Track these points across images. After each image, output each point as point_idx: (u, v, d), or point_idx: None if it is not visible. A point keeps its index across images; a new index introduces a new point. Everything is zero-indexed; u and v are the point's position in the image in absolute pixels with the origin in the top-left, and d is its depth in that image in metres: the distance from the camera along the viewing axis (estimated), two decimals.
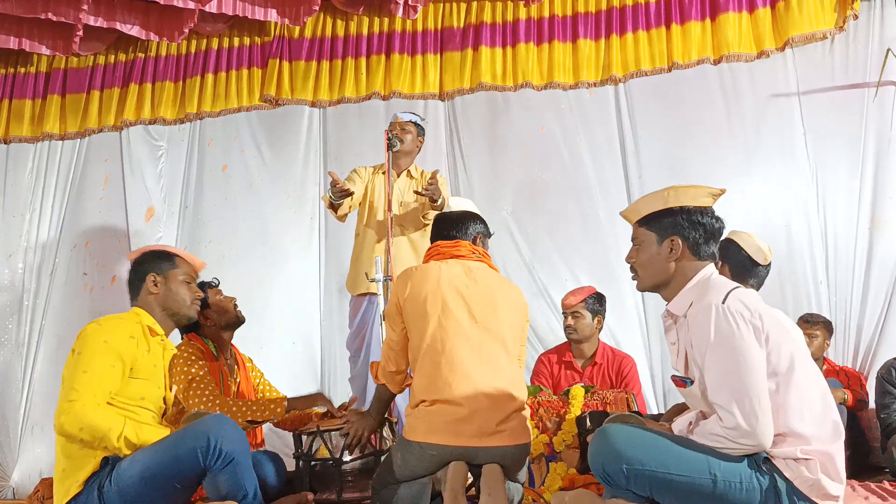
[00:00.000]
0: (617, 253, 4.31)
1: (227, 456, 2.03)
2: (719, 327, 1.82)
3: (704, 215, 1.99)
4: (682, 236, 1.98)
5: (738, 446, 1.79)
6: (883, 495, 2.62)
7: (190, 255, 2.51)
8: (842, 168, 4.13)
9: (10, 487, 4.38)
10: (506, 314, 2.41)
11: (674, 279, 2.00)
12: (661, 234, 2.00)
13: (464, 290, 2.39)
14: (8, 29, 4.50)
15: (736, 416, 1.77)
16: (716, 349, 1.82)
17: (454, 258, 2.50)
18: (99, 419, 2.08)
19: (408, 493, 2.33)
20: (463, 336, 2.32)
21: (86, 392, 2.10)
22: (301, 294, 4.54)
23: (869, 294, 4.00)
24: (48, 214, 4.83)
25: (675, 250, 1.98)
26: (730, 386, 1.79)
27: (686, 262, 1.99)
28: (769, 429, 1.78)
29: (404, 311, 2.41)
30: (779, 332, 1.86)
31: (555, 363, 3.65)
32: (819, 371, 1.92)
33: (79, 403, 2.07)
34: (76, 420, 2.05)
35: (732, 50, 4.29)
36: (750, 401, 1.77)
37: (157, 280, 2.37)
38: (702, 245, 1.98)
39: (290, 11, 4.47)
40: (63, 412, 2.07)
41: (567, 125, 4.49)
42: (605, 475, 1.91)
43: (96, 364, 2.14)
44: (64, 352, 4.43)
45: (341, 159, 4.63)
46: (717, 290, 1.89)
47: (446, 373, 2.28)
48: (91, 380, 2.12)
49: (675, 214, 1.99)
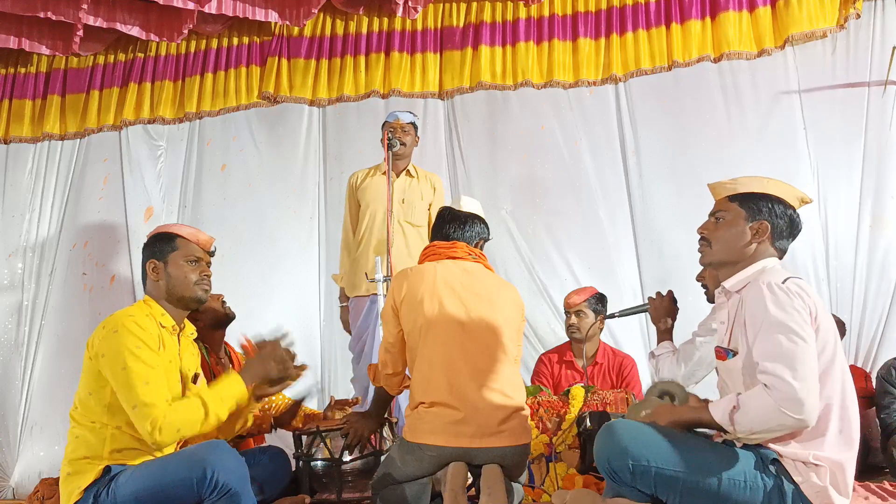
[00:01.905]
0: (617, 253, 4.32)
1: (224, 487, 1.95)
2: (778, 303, 1.82)
3: (794, 212, 2.04)
4: (771, 223, 2.01)
5: (784, 418, 1.74)
6: (883, 495, 2.61)
7: (193, 232, 2.37)
8: (843, 166, 4.12)
9: (9, 487, 4.38)
10: (503, 314, 2.40)
11: (743, 260, 2.02)
12: (753, 214, 2.02)
13: (460, 290, 2.39)
14: (8, 28, 4.49)
15: (790, 384, 1.73)
16: (773, 323, 1.82)
17: (450, 259, 2.49)
18: (185, 413, 2.05)
19: (408, 493, 2.32)
20: (460, 337, 2.32)
21: (158, 401, 2.04)
22: (301, 294, 4.54)
23: (870, 293, 3.99)
24: (47, 214, 4.83)
25: (760, 233, 2.01)
26: (785, 356, 1.77)
27: (762, 248, 2.01)
28: (816, 407, 1.75)
29: (401, 312, 2.40)
30: (828, 328, 1.87)
31: (555, 363, 3.65)
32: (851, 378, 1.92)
33: (160, 414, 2.02)
34: (170, 430, 2.02)
35: (733, 48, 4.28)
36: (804, 372, 1.75)
37: (156, 266, 2.29)
38: (783, 238, 2.03)
39: (290, 13, 4.47)
40: (154, 430, 2.00)
41: (567, 124, 4.49)
42: (610, 471, 1.91)
43: (149, 371, 2.07)
44: (64, 352, 4.50)
45: (341, 158, 4.63)
46: (777, 275, 1.92)
47: (444, 374, 2.28)
48: (154, 388, 2.06)
49: (772, 201, 2.02)
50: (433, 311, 2.34)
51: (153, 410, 2.02)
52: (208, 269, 2.37)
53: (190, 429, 2.05)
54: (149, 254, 2.32)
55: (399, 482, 2.33)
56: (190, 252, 2.32)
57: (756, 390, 1.79)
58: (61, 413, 2.27)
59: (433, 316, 2.33)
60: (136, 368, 2.05)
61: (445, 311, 2.34)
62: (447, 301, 2.35)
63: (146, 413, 2.02)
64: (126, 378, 2.05)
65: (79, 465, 2.10)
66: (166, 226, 2.43)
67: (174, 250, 2.31)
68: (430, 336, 2.32)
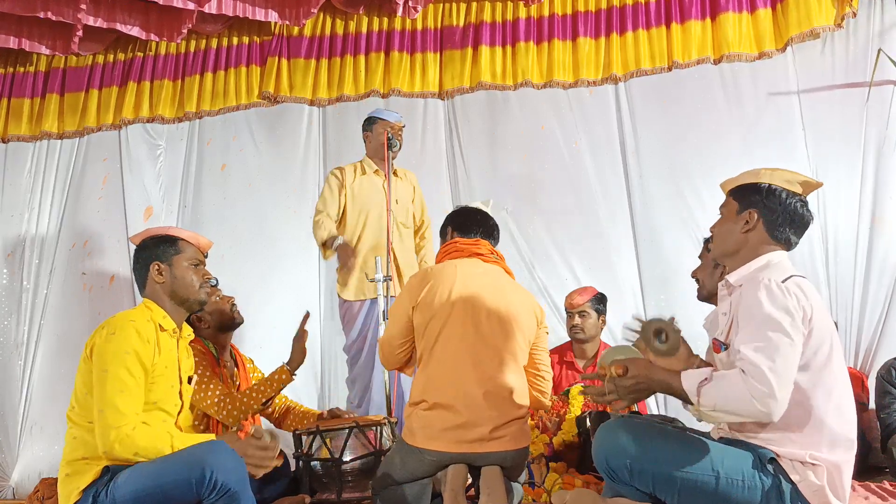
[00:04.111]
0: (617, 252, 4.31)
1: (223, 487, 1.93)
2: (773, 300, 1.82)
3: (791, 198, 2.00)
4: (760, 212, 1.99)
5: (751, 407, 1.73)
6: (883, 495, 2.62)
7: (194, 236, 2.39)
8: (842, 167, 4.12)
9: (9, 487, 4.37)
10: (517, 321, 2.38)
11: (741, 251, 2.01)
12: (743, 205, 2.03)
13: (478, 293, 2.36)
14: (7, 28, 4.49)
15: (767, 376, 1.72)
16: (763, 318, 1.81)
17: (474, 256, 2.47)
18: (150, 440, 2.02)
19: (408, 493, 2.32)
20: (473, 340, 2.31)
21: (130, 413, 2.03)
22: (301, 294, 4.53)
23: (869, 293, 3.99)
24: (47, 214, 4.82)
25: (749, 223, 2.00)
26: (768, 349, 1.76)
27: (758, 238, 2.00)
28: (784, 404, 1.73)
29: (418, 309, 2.37)
30: (823, 329, 1.86)
31: (556, 363, 3.64)
32: (849, 380, 1.91)
33: (127, 428, 2.01)
34: (131, 446, 2.00)
35: (733, 49, 4.28)
36: (782, 369, 1.74)
37: (161, 268, 2.27)
38: (778, 226, 1.99)
39: (289, 13, 4.47)
40: (115, 440, 1.99)
41: (567, 124, 4.49)
42: (608, 469, 1.91)
43: (130, 381, 2.06)
44: (63, 351, 4.50)
45: (341, 158, 4.61)
46: (781, 271, 1.91)
47: (452, 376, 2.27)
48: (129, 399, 2.05)
49: (761, 191, 2.01)
50: (449, 312, 2.32)
51: (121, 420, 2.01)
52: (209, 273, 2.39)
53: (145, 455, 2.02)
54: (151, 256, 2.30)
55: (399, 483, 2.33)
56: (193, 255, 2.33)
57: (732, 372, 1.79)
58: (61, 413, 2.26)
59: (448, 318, 2.32)
60: (118, 375, 2.05)
61: (461, 313, 2.32)
62: (464, 304, 2.33)
63: (113, 421, 2.01)
64: (105, 380, 2.05)
65: (77, 466, 2.09)
66: (164, 228, 2.43)
67: (178, 253, 2.31)
68: (443, 337, 2.32)
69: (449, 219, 2.69)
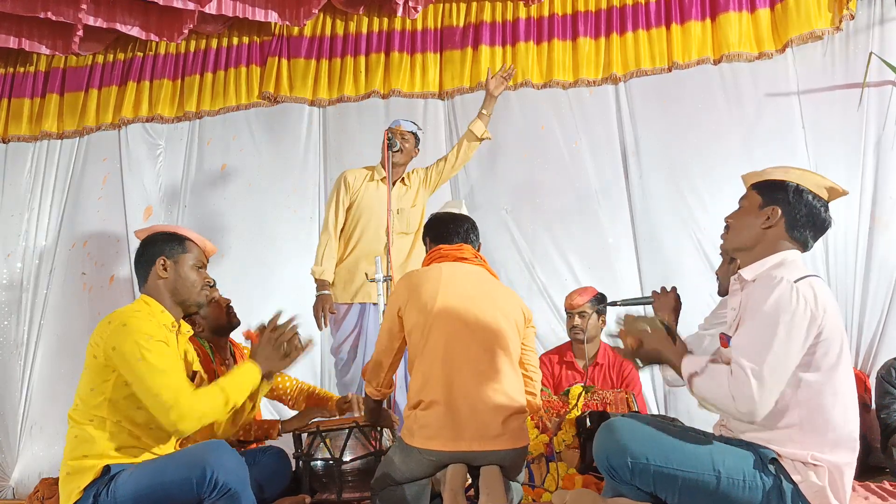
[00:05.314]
0: (617, 252, 4.31)
1: (224, 487, 1.94)
2: (780, 298, 1.81)
3: (816, 201, 2.00)
4: (784, 210, 1.98)
5: (730, 406, 1.78)
6: (883, 495, 2.62)
7: (201, 239, 2.39)
8: (842, 167, 4.12)
9: (9, 487, 4.37)
10: (506, 317, 2.40)
11: (758, 247, 2.00)
12: (767, 200, 2.01)
13: (465, 291, 2.39)
14: (8, 29, 4.49)
15: (749, 381, 1.75)
16: (764, 315, 1.81)
17: (458, 261, 2.49)
18: (207, 401, 2.07)
19: (407, 493, 2.32)
20: (463, 336, 2.32)
21: (179, 388, 2.05)
22: (301, 294, 4.52)
23: (869, 294, 3.99)
24: (46, 214, 4.83)
25: (771, 219, 1.99)
26: (758, 352, 1.77)
27: (776, 235, 1.99)
28: (766, 408, 1.78)
29: (405, 313, 2.39)
30: (834, 331, 1.85)
31: (556, 363, 3.65)
32: (854, 382, 1.92)
33: (183, 400, 2.03)
34: (194, 415, 2.03)
35: (733, 50, 4.28)
36: (767, 374, 1.75)
37: (166, 264, 2.26)
38: (799, 226, 1.99)
39: (290, 13, 4.47)
40: (177, 418, 2.01)
41: (567, 124, 4.49)
42: (609, 468, 1.91)
43: (165, 359, 2.08)
44: (63, 351, 4.50)
45: (341, 158, 4.63)
46: (795, 270, 1.89)
47: (445, 373, 2.28)
48: (173, 376, 2.07)
49: (788, 189, 2.00)
50: (437, 310, 2.34)
51: (178, 397, 2.02)
52: (210, 277, 2.40)
53: (212, 415, 2.07)
54: (157, 251, 2.29)
55: (398, 483, 2.33)
56: (198, 257, 2.34)
57: (723, 368, 1.83)
58: (61, 413, 2.26)
59: (437, 315, 2.33)
60: (153, 359, 2.05)
61: (450, 310, 2.34)
62: (452, 301, 2.35)
63: (169, 402, 2.02)
64: (146, 368, 2.04)
65: (78, 465, 2.09)
66: (171, 227, 2.42)
67: (185, 252, 2.31)
68: (433, 335, 2.32)
69: (426, 229, 2.70)
